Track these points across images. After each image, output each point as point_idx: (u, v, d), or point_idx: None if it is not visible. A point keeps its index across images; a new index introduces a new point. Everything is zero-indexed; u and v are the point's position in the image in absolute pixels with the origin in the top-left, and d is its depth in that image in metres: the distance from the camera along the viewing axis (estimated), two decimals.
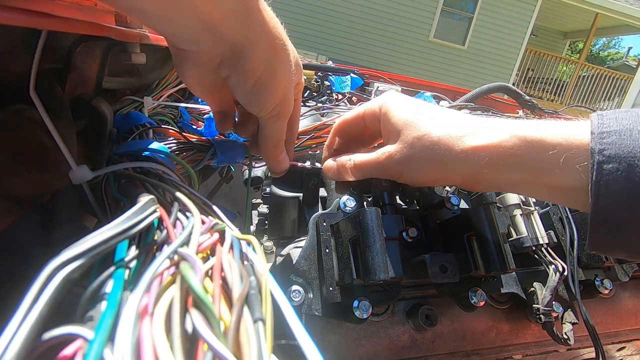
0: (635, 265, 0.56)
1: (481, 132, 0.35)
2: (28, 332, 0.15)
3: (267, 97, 0.35)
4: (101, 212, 0.36)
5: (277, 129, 0.40)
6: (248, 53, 0.32)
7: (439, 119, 0.37)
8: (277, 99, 0.36)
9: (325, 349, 0.46)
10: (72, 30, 0.28)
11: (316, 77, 1.14)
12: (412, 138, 0.37)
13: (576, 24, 9.91)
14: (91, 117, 0.40)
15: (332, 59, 1.82)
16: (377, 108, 0.41)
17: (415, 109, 0.39)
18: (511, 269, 0.43)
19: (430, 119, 0.37)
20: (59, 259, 0.18)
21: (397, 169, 0.39)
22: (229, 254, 0.23)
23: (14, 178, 0.33)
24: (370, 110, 0.42)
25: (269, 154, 0.43)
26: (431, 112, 0.38)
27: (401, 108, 0.39)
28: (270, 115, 0.37)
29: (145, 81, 0.57)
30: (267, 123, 0.39)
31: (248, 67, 0.32)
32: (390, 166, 0.39)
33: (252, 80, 0.34)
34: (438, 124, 0.37)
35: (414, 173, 0.38)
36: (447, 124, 0.37)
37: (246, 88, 0.34)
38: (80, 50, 0.36)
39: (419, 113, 0.38)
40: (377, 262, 0.38)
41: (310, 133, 0.56)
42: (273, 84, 0.35)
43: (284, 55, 0.35)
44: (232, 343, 0.17)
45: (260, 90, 0.34)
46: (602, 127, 0.30)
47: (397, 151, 0.38)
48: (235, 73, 0.33)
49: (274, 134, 0.40)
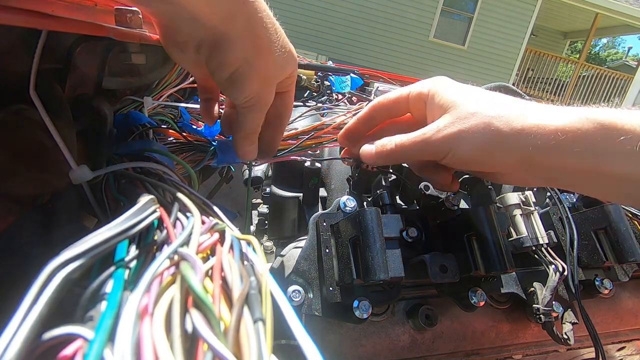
0: (635, 265, 0.56)
1: (544, 111, 0.32)
2: (28, 332, 0.15)
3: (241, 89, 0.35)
4: (101, 212, 0.36)
5: (250, 119, 0.39)
6: (226, 46, 0.32)
7: (495, 98, 0.35)
8: (253, 91, 0.36)
9: (325, 349, 0.46)
10: (72, 30, 0.28)
11: (316, 77, 1.14)
12: (465, 113, 0.35)
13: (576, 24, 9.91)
14: (91, 117, 0.40)
15: (332, 59, 1.82)
16: (425, 89, 0.40)
17: (467, 88, 0.38)
18: (511, 269, 0.43)
19: (486, 97, 0.36)
20: (59, 259, 0.18)
21: (445, 146, 0.36)
22: (229, 254, 0.23)
23: (14, 178, 0.33)
24: (416, 91, 0.40)
25: (237, 143, 0.42)
26: (485, 92, 0.36)
27: (452, 87, 0.38)
28: (245, 105, 0.37)
29: (145, 81, 0.57)
30: (240, 112, 0.39)
31: (224, 59, 0.33)
32: (438, 142, 0.36)
33: (228, 72, 0.34)
34: (495, 101, 0.35)
35: (463, 151, 0.35)
36: (504, 102, 0.34)
37: (221, 77, 0.35)
38: (80, 50, 0.36)
39: (471, 91, 0.37)
40: (377, 262, 0.38)
41: (310, 133, 0.56)
42: (249, 78, 0.35)
43: (266, 53, 0.35)
44: (232, 343, 0.17)
45: (235, 82, 0.35)
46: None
47: (448, 125, 0.35)
48: (212, 60, 0.34)
49: (246, 124, 0.39)
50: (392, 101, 0.43)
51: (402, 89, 0.43)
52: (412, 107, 0.42)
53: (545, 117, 0.32)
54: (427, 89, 0.39)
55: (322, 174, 0.63)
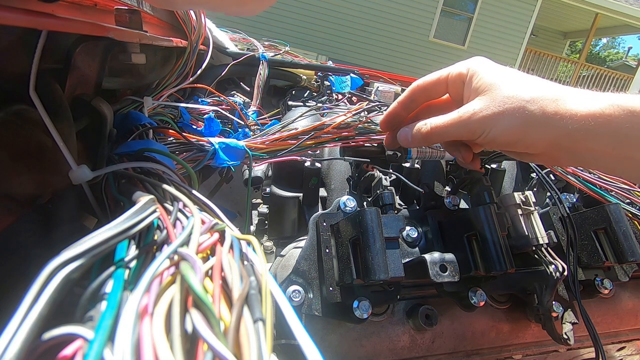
0: (635, 265, 0.56)
1: (578, 97, 0.33)
2: (28, 332, 0.15)
3: None
4: (101, 212, 0.36)
5: None
6: None
7: (532, 82, 0.36)
8: None
9: (325, 349, 0.46)
10: (72, 30, 0.28)
11: (316, 77, 1.14)
12: (502, 96, 0.36)
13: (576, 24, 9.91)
14: (91, 117, 0.40)
15: (332, 59, 1.82)
16: (465, 69, 0.41)
17: (505, 70, 0.39)
18: (511, 269, 0.43)
19: (522, 80, 0.37)
20: (59, 259, 0.18)
21: (481, 126, 0.37)
22: (229, 254, 0.23)
23: (14, 178, 0.33)
24: (455, 72, 0.41)
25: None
26: (522, 75, 0.38)
27: (491, 68, 0.39)
28: None
29: (146, 81, 0.57)
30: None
31: None
32: (473, 123, 0.38)
33: None
34: (530, 85, 0.36)
35: (497, 132, 0.36)
36: (539, 86, 0.36)
37: None
38: (80, 50, 0.36)
39: (509, 74, 0.38)
40: (377, 262, 0.38)
41: (310, 133, 0.56)
42: None
43: None
44: (232, 343, 0.17)
45: None
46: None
47: (484, 108, 0.37)
48: None
49: None
50: (432, 83, 0.44)
51: (440, 70, 0.43)
52: (450, 88, 0.43)
53: (578, 102, 0.33)
54: (467, 70, 0.40)
55: (322, 174, 0.63)
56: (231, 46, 0.98)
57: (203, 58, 0.75)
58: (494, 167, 0.64)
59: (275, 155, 0.55)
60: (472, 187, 0.55)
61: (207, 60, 0.75)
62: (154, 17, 0.55)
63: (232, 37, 1.23)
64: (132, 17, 0.39)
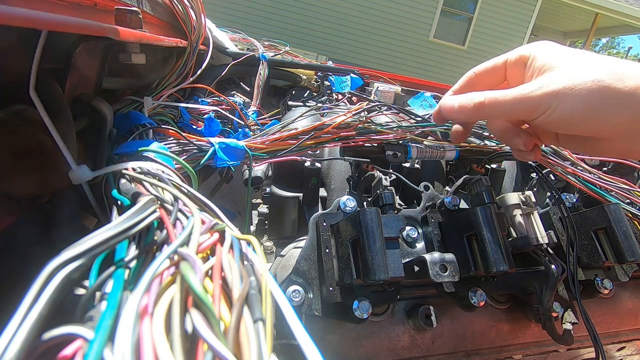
0: (635, 265, 0.56)
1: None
2: (28, 332, 0.15)
3: None
4: (101, 212, 0.36)
5: None
6: None
7: (605, 58, 0.34)
8: None
9: (325, 349, 0.46)
10: (72, 30, 0.28)
11: (316, 77, 1.14)
12: (572, 70, 0.33)
13: (576, 24, 9.91)
14: (91, 117, 0.40)
15: (332, 59, 1.82)
16: (527, 52, 0.38)
17: (572, 50, 0.36)
18: (511, 269, 0.43)
19: (594, 56, 0.34)
20: (59, 259, 0.18)
21: (545, 102, 0.33)
22: (229, 254, 0.23)
23: (14, 178, 0.33)
24: (516, 55, 0.39)
25: None
26: (593, 54, 0.35)
27: (556, 48, 0.37)
28: None
29: (146, 81, 0.57)
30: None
31: None
32: (537, 99, 0.34)
33: None
34: (604, 60, 0.33)
35: (565, 108, 0.33)
36: (615, 61, 0.33)
37: None
38: (80, 50, 0.36)
39: (578, 52, 0.35)
40: (377, 262, 0.38)
41: (310, 133, 0.56)
42: None
43: None
44: (232, 343, 0.17)
45: None
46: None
47: (550, 83, 0.33)
48: None
49: None
50: (489, 69, 0.41)
51: (496, 58, 0.41)
52: (509, 73, 0.40)
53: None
54: (529, 52, 0.38)
55: (322, 174, 0.63)
56: (231, 46, 0.98)
57: (203, 58, 0.75)
58: (494, 167, 0.64)
59: (275, 155, 0.55)
60: (472, 187, 0.55)
61: (207, 60, 0.75)
62: (154, 17, 0.55)
63: (232, 37, 1.23)
64: (132, 17, 0.39)
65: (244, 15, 6.86)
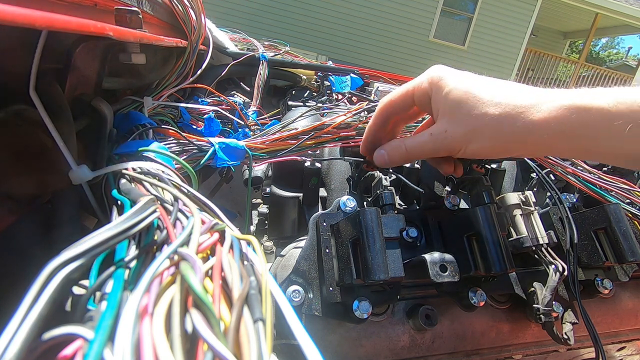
0: (635, 265, 0.56)
1: (543, 105, 0.35)
2: (28, 332, 0.15)
3: None
4: (101, 212, 0.36)
5: None
6: None
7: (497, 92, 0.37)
8: None
9: (325, 349, 0.46)
10: (72, 30, 0.28)
11: (316, 77, 1.14)
12: (470, 115, 0.37)
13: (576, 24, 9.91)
14: (91, 117, 0.40)
15: (332, 59, 1.82)
16: (427, 83, 0.41)
17: (469, 82, 0.39)
18: (511, 269, 0.43)
19: (488, 93, 0.37)
20: (59, 259, 0.18)
21: (457, 146, 0.39)
22: (229, 254, 0.23)
23: (14, 178, 0.33)
24: (419, 89, 0.42)
25: None
26: (486, 86, 0.38)
27: (453, 83, 0.39)
28: None
29: (146, 81, 0.57)
30: None
31: None
32: (449, 145, 0.39)
33: None
34: (497, 97, 0.37)
35: (475, 149, 0.38)
36: (506, 96, 0.36)
37: None
38: (80, 50, 0.36)
39: (473, 88, 0.38)
40: (377, 262, 0.38)
41: (310, 133, 0.56)
42: None
43: None
44: (232, 343, 0.17)
45: None
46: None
47: (456, 129, 0.38)
48: None
49: None
50: (400, 99, 0.44)
51: (404, 86, 0.44)
52: (417, 103, 0.43)
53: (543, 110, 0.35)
54: (429, 84, 0.41)
55: (322, 174, 0.63)
56: (231, 46, 0.98)
57: (203, 58, 0.75)
58: (494, 167, 0.64)
59: (275, 155, 0.55)
60: (472, 187, 0.55)
61: (207, 60, 0.75)
62: (154, 17, 0.55)
63: (232, 37, 1.23)
64: (132, 17, 0.39)
65: (244, 15, 6.87)
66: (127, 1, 0.43)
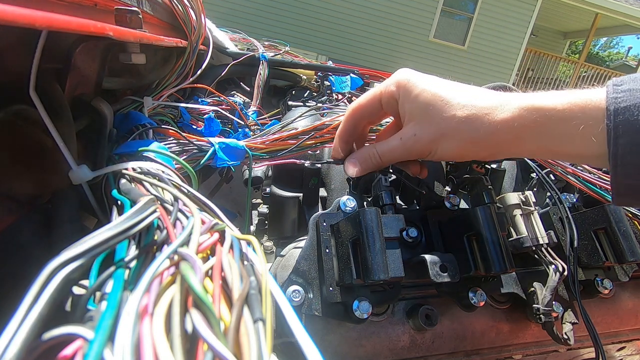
0: (635, 265, 0.56)
1: (505, 106, 0.36)
2: (28, 332, 0.15)
3: None
4: (101, 212, 0.36)
5: None
6: None
7: (463, 95, 0.38)
8: None
9: (325, 349, 0.46)
10: (72, 30, 0.28)
11: (316, 77, 1.14)
12: (438, 118, 0.38)
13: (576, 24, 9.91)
14: (91, 117, 0.40)
15: (332, 59, 1.82)
16: (394, 88, 0.41)
17: (436, 85, 0.39)
18: (511, 269, 0.43)
19: (455, 96, 0.38)
20: (59, 259, 0.18)
21: (426, 149, 0.40)
22: (229, 254, 0.23)
23: (14, 178, 0.33)
24: (387, 92, 0.42)
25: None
26: (452, 89, 0.39)
27: (420, 86, 0.40)
28: None
29: (146, 81, 0.57)
30: None
31: None
32: (419, 148, 0.40)
33: None
34: (464, 99, 0.38)
35: (444, 151, 0.39)
36: (472, 99, 0.38)
37: None
38: (80, 50, 0.36)
39: (440, 91, 0.39)
40: (377, 262, 0.38)
41: (310, 133, 0.56)
42: None
43: None
44: (232, 343, 0.17)
45: None
46: (616, 103, 0.32)
47: (425, 133, 0.39)
48: None
49: None
50: (368, 104, 0.45)
51: (371, 91, 0.45)
52: (385, 108, 0.44)
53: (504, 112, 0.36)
54: (396, 89, 0.41)
55: (322, 174, 0.63)
56: (231, 46, 0.98)
57: (203, 58, 0.75)
58: (494, 167, 0.64)
59: (275, 155, 0.55)
60: (472, 187, 0.55)
61: (207, 60, 0.75)
62: (154, 17, 0.55)
63: (232, 37, 1.23)
64: (132, 17, 0.39)
65: (244, 15, 6.86)
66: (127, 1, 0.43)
